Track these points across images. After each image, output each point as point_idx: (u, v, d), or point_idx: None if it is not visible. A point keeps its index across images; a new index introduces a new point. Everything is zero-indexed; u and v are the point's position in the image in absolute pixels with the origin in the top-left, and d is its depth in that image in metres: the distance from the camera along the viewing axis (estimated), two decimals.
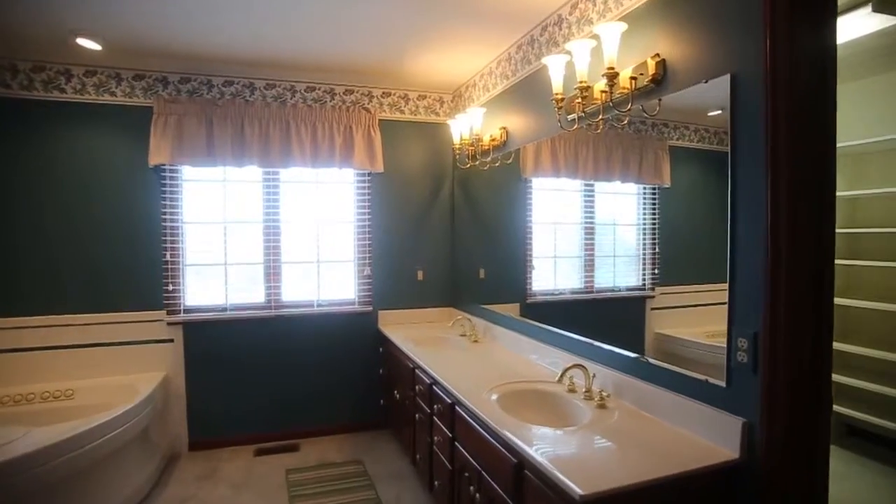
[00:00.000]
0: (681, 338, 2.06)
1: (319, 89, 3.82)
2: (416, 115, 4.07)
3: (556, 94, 2.37)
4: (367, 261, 3.98)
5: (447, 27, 2.90)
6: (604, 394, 2.14)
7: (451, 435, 2.42)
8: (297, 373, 3.84)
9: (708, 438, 1.71)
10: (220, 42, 3.09)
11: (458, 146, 3.64)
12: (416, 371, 2.98)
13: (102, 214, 3.43)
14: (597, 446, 1.74)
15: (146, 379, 3.37)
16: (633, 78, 2.06)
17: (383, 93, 3.97)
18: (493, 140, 3.35)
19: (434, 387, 2.67)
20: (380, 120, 3.90)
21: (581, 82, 2.18)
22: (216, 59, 3.36)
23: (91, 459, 2.63)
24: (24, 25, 2.80)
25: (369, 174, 3.95)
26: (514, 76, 3.16)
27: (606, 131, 2.39)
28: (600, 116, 2.25)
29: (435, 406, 2.63)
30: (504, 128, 3.28)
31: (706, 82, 1.75)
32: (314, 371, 3.88)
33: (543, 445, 1.72)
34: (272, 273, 3.78)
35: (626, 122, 2.20)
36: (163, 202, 3.53)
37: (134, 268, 3.49)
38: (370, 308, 3.97)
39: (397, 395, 3.41)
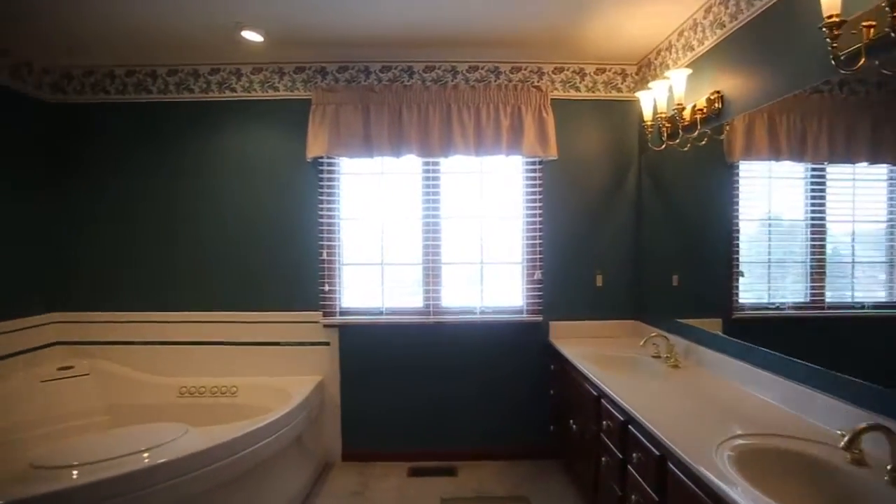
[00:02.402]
0: None
1: (483, 68, 3.38)
2: (593, 91, 3.43)
3: (831, 15, 1.59)
4: (538, 263, 3.42)
5: None
6: None
7: (657, 499, 1.76)
8: (455, 387, 3.44)
9: None
10: (377, 23, 2.83)
11: (649, 123, 2.94)
12: (603, 401, 2.36)
13: (262, 211, 3.41)
14: None
15: (302, 382, 3.22)
16: None
17: (555, 68, 3.40)
18: (699, 111, 2.59)
19: (630, 426, 2.03)
20: (551, 99, 3.33)
21: None
22: (373, 43, 3.10)
23: (245, 466, 2.47)
24: (199, 23, 2.82)
25: (540, 162, 3.40)
26: (733, 21, 2.38)
27: (845, 98, 1.80)
28: None
29: (633, 454, 1.98)
30: (717, 92, 2.50)
31: None
32: (475, 386, 3.44)
33: None
34: (431, 275, 3.43)
35: None
36: (320, 197, 3.39)
37: (291, 266, 3.41)
38: (540, 318, 3.41)
39: (574, 426, 2.80)
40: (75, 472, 2.01)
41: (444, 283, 3.44)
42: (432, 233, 3.42)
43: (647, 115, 2.93)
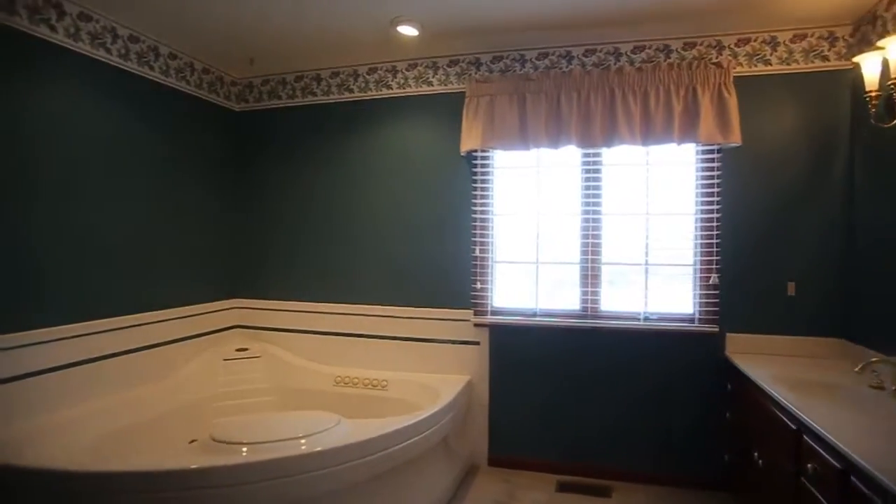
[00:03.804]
0: None
1: (650, 47, 3.04)
2: (788, 63, 2.90)
3: None
4: (714, 266, 2.99)
5: None
6: None
7: None
8: (612, 399, 3.14)
9: None
10: (534, 5, 2.66)
11: (873, 93, 2.36)
12: (805, 437, 1.92)
13: (417, 207, 3.43)
14: None
15: (451, 381, 3.16)
16: None
17: (739, 40, 2.94)
18: None
19: (852, 477, 1.60)
20: (734, 76, 2.87)
21: None
22: (529, 28, 2.94)
23: (392, 463, 2.44)
24: (358, 22, 2.90)
25: (719, 150, 2.96)
26: None
27: None
28: None
29: None
30: None
31: None
32: (634, 400, 3.12)
33: None
34: (590, 276, 3.17)
35: None
36: (473, 192, 3.32)
37: (444, 263, 3.38)
38: (715, 328, 2.97)
39: (759, 461, 2.36)
40: (244, 450, 2.14)
41: (603, 284, 3.17)
42: (592, 230, 3.16)
43: (871, 83, 2.36)
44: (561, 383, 3.21)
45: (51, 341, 2.47)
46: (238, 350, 3.56)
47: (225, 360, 3.48)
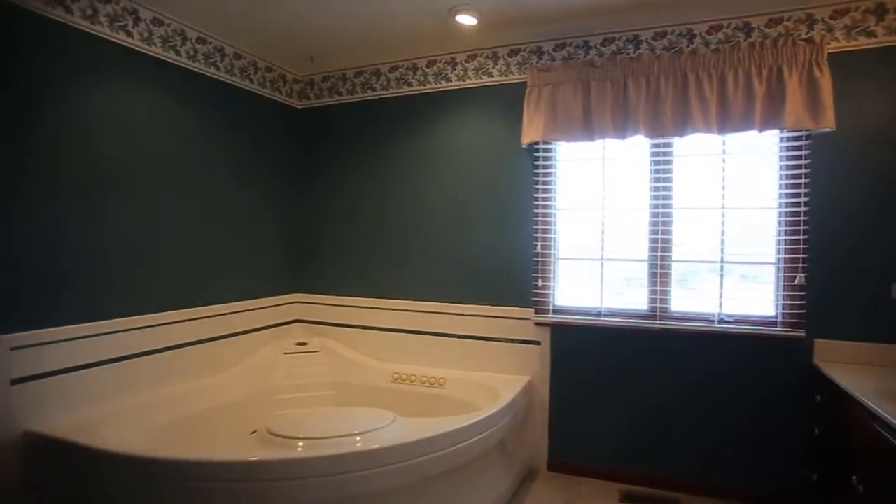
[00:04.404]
0: None
1: (728, 26, 2.80)
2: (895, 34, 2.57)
3: None
4: (800, 264, 2.71)
5: None
6: None
7: None
8: (681, 405, 2.94)
9: None
10: None
11: None
12: None
13: (477, 202, 3.35)
14: None
15: (510, 381, 3.06)
16: None
17: (834, 12, 2.64)
18: None
19: None
20: (827, 54, 2.59)
21: None
22: (594, 12, 2.78)
23: (448, 464, 2.36)
24: (417, 13, 2.85)
25: (807, 136, 2.68)
26: None
27: None
28: None
29: None
30: None
31: None
32: (705, 407, 2.90)
33: None
34: (659, 274, 2.97)
35: None
36: (535, 186, 3.20)
37: (504, 259, 3.28)
38: (801, 333, 2.70)
39: (859, 486, 2.10)
40: (300, 445, 2.14)
41: (673, 283, 2.96)
42: (662, 225, 2.96)
43: None
44: (626, 387, 3.04)
45: (120, 332, 2.60)
46: (298, 344, 3.62)
47: (285, 353, 3.55)
